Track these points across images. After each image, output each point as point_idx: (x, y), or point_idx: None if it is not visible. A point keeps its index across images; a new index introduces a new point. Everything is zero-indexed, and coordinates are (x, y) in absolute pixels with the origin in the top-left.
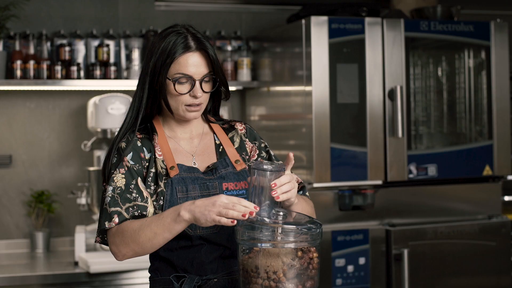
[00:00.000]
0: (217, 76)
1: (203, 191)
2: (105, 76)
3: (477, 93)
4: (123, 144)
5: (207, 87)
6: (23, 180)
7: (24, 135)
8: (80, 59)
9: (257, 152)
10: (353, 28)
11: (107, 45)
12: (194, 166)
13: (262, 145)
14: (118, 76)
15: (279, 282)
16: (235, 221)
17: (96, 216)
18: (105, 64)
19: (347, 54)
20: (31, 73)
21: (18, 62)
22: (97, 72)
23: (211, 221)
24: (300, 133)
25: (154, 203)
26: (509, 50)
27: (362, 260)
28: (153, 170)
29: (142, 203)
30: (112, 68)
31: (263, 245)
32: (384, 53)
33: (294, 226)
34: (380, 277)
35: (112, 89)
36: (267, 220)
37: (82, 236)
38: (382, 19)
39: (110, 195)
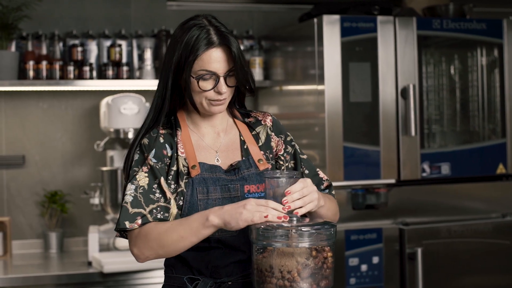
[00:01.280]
0: (239, 72)
1: (224, 193)
2: (117, 76)
3: (490, 91)
4: (146, 141)
5: (231, 81)
6: (36, 181)
7: (37, 136)
8: (92, 59)
9: (283, 146)
10: (365, 26)
11: (119, 45)
12: (217, 163)
13: (288, 138)
14: (131, 76)
15: (294, 282)
16: (268, 216)
17: (109, 216)
18: (117, 64)
19: (360, 53)
20: (44, 73)
21: (31, 63)
22: (110, 72)
23: (243, 223)
24: (312, 132)
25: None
26: None
27: (375, 259)
28: (174, 168)
29: (165, 204)
30: (125, 68)
31: (277, 244)
32: (396, 51)
33: (309, 226)
34: (393, 276)
35: (125, 89)
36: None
37: (96, 236)
38: (394, 18)
39: (132, 194)
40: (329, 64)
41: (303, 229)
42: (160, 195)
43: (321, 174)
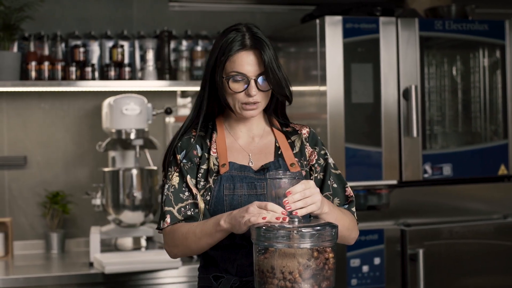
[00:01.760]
0: (271, 76)
1: (251, 190)
2: (119, 77)
3: (492, 92)
4: (179, 143)
5: (264, 86)
6: (38, 181)
7: (38, 136)
8: (94, 60)
9: (316, 157)
10: (368, 27)
11: (122, 46)
12: (249, 165)
13: (322, 152)
14: (133, 77)
15: (295, 283)
16: (266, 217)
17: (110, 217)
18: (119, 65)
19: (362, 54)
20: (46, 74)
21: (33, 63)
22: (112, 73)
23: (244, 225)
24: None
25: (203, 198)
26: None
27: (377, 260)
28: (204, 166)
29: (193, 201)
30: (127, 69)
31: (279, 245)
32: (398, 52)
33: (310, 227)
34: (395, 277)
35: (127, 90)
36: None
37: (97, 236)
38: (396, 19)
39: (165, 194)
40: (331, 65)
41: (304, 230)
42: (189, 193)
43: (348, 191)
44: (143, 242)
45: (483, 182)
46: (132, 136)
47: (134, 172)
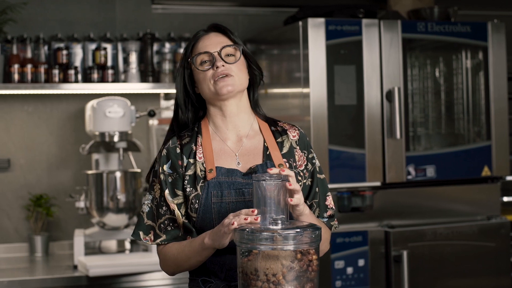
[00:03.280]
0: (234, 48)
1: (239, 196)
2: (102, 79)
3: (475, 94)
4: (164, 152)
5: (229, 58)
6: (21, 184)
7: (22, 139)
8: (77, 62)
9: (305, 163)
10: (350, 29)
11: (105, 48)
12: (237, 167)
13: (310, 156)
14: (116, 79)
15: (279, 285)
16: (235, 223)
17: (94, 220)
18: (102, 68)
19: (345, 56)
20: (29, 77)
21: (16, 66)
22: (95, 76)
23: (223, 239)
24: None
25: (191, 206)
26: (507, 51)
27: (361, 262)
28: (190, 173)
29: (169, 216)
30: (110, 71)
31: (262, 247)
32: (381, 54)
33: (294, 229)
34: (379, 278)
35: (110, 93)
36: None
37: (81, 239)
38: (379, 21)
39: (149, 205)
40: (314, 67)
41: (287, 232)
42: (166, 208)
43: (328, 201)
44: (127, 245)
45: (467, 183)
46: (116, 138)
47: (118, 174)
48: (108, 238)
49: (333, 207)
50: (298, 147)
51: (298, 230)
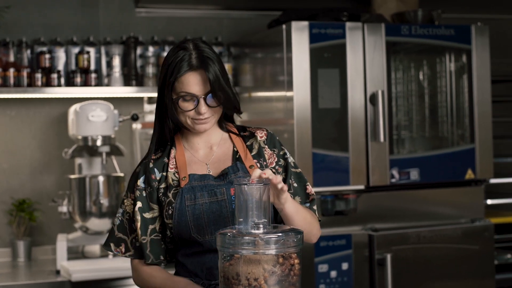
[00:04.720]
0: (218, 94)
1: (211, 197)
2: (85, 83)
3: (458, 97)
4: (138, 169)
5: (213, 103)
6: (4, 189)
7: (4, 144)
8: (60, 66)
9: (276, 159)
10: (334, 33)
11: (88, 52)
12: (208, 173)
13: (281, 152)
14: (99, 83)
15: None
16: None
17: (77, 224)
18: (85, 71)
19: (328, 59)
20: (11, 81)
21: None
22: (78, 80)
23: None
24: (281, 138)
25: (166, 214)
26: (490, 54)
27: (345, 266)
28: (163, 185)
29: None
30: (93, 75)
31: (244, 252)
32: (365, 57)
33: (275, 233)
34: (363, 282)
35: (93, 97)
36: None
37: (64, 244)
38: (363, 24)
39: (120, 218)
40: (298, 70)
41: (269, 236)
42: (135, 225)
43: (309, 189)
44: None
45: (450, 186)
46: (99, 142)
47: (101, 179)
48: (91, 242)
49: (314, 193)
50: (266, 146)
51: (280, 234)
